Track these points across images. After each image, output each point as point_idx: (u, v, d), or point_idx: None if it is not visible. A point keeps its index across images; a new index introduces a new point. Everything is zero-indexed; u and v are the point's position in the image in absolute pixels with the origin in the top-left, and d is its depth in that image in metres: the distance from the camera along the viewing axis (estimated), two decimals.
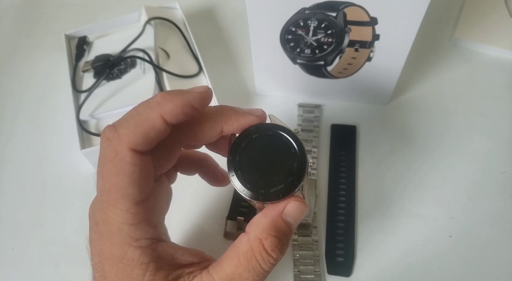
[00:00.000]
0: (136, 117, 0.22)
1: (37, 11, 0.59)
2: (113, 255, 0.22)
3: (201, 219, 0.39)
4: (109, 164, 0.22)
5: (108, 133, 0.22)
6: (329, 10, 0.36)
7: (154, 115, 0.22)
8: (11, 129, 0.47)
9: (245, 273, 0.22)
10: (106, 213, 0.22)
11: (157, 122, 0.22)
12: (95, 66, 0.45)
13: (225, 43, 0.52)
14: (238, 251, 0.23)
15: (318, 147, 0.42)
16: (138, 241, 0.22)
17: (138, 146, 0.22)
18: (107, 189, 0.22)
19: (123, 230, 0.22)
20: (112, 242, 0.22)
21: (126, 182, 0.21)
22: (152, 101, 0.22)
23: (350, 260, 0.35)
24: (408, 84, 0.46)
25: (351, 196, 0.39)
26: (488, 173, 0.39)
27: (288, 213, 0.23)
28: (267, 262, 0.22)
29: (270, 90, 0.46)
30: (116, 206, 0.22)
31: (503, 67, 0.47)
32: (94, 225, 0.23)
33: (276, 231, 0.23)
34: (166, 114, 0.22)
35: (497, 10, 0.50)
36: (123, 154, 0.21)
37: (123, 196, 0.22)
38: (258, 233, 0.23)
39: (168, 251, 0.24)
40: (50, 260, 0.37)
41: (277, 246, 0.23)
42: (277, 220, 0.23)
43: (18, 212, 0.41)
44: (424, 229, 0.37)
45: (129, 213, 0.22)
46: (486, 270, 0.34)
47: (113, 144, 0.21)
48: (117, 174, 0.21)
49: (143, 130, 0.22)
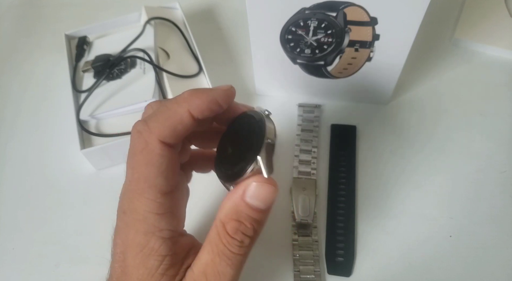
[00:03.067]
0: (165, 112, 0.23)
1: (37, 11, 0.59)
2: (136, 243, 0.23)
3: (201, 219, 0.39)
4: (139, 155, 0.23)
5: (139, 127, 0.23)
6: (329, 10, 0.36)
7: (182, 110, 0.23)
8: (11, 129, 0.47)
9: (216, 258, 0.23)
10: (133, 202, 0.23)
11: (184, 117, 0.23)
12: (95, 66, 0.45)
13: (225, 43, 0.52)
14: (208, 238, 0.23)
15: (318, 147, 0.42)
16: (161, 231, 0.23)
17: (166, 138, 0.23)
18: (135, 178, 0.23)
19: (149, 219, 0.23)
20: (136, 230, 0.23)
21: (154, 173, 0.23)
22: (180, 97, 0.24)
23: (350, 260, 0.35)
24: (408, 84, 0.46)
25: (351, 196, 0.39)
26: (488, 173, 0.39)
27: (250, 194, 0.23)
28: (234, 245, 0.23)
29: (270, 90, 0.46)
30: (144, 195, 0.23)
31: (503, 67, 0.47)
32: (121, 214, 0.24)
33: (238, 215, 0.23)
34: (193, 110, 0.23)
35: (497, 10, 0.50)
36: (153, 145, 0.22)
37: (151, 186, 0.23)
38: (222, 217, 0.23)
39: (184, 248, 0.24)
40: (50, 260, 0.37)
41: (238, 229, 0.23)
42: (239, 203, 0.23)
43: (18, 212, 0.41)
44: (424, 229, 0.37)
45: (156, 202, 0.23)
46: (486, 270, 0.34)
47: (143, 135, 0.23)
48: (146, 165, 0.23)
49: (172, 124, 0.23)
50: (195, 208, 0.39)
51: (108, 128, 0.43)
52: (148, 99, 0.42)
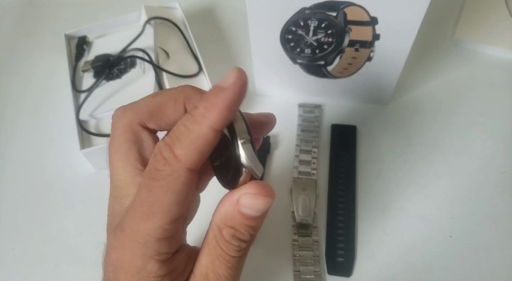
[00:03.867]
0: (187, 135, 0.21)
1: (37, 11, 0.59)
2: (131, 265, 0.22)
3: (201, 219, 0.38)
4: (162, 180, 0.21)
5: (165, 153, 0.21)
6: (329, 10, 0.36)
7: (204, 129, 0.21)
8: (11, 129, 0.47)
9: (216, 261, 0.23)
10: (138, 223, 0.22)
11: (209, 136, 0.21)
12: (95, 66, 0.45)
13: (225, 43, 0.52)
14: (207, 241, 0.23)
15: (318, 147, 0.42)
16: (160, 255, 0.22)
17: (194, 164, 0.21)
18: (150, 202, 0.21)
19: (150, 243, 0.22)
20: (133, 253, 0.22)
21: (172, 200, 0.21)
22: (197, 115, 0.21)
23: (350, 260, 0.35)
24: (408, 84, 0.46)
25: (351, 196, 0.39)
26: (488, 173, 0.39)
27: (243, 204, 0.22)
28: (231, 249, 0.22)
29: (270, 90, 0.46)
30: (152, 220, 0.21)
31: (503, 67, 0.47)
32: (118, 232, 0.23)
33: (232, 222, 0.22)
34: (215, 124, 0.21)
35: (498, 10, 0.50)
36: (179, 173, 0.21)
37: (164, 212, 0.21)
38: (218, 222, 0.23)
39: (181, 261, 0.24)
40: (50, 260, 0.37)
41: (234, 235, 0.22)
42: (232, 212, 0.22)
43: (18, 212, 0.41)
44: (424, 229, 0.37)
45: (162, 228, 0.22)
46: (486, 270, 0.34)
47: (169, 162, 0.21)
48: (165, 192, 0.21)
49: (198, 147, 0.21)
50: None
51: (108, 129, 0.42)
52: None
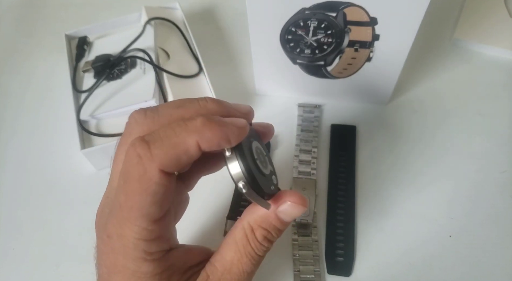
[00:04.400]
0: (172, 138, 0.21)
1: (37, 11, 0.59)
2: (126, 269, 0.22)
3: (201, 219, 0.39)
4: (135, 182, 0.21)
5: (140, 150, 0.21)
6: (329, 10, 0.36)
7: (191, 141, 0.21)
8: (11, 129, 0.47)
9: (243, 258, 0.24)
10: (122, 228, 0.22)
11: (191, 148, 0.21)
12: (95, 66, 0.45)
13: (225, 43, 0.52)
14: (235, 238, 0.24)
15: (318, 147, 0.42)
16: (152, 255, 0.23)
17: (168, 168, 0.21)
18: (128, 206, 0.21)
19: (139, 246, 0.22)
20: (126, 257, 0.22)
21: (148, 202, 0.21)
22: (192, 125, 0.21)
23: (350, 260, 0.35)
24: (408, 84, 0.46)
25: (351, 196, 0.39)
26: (488, 172, 0.40)
27: (282, 210, 0.24)
28: (260, 249, 0.24)
29: (270, 90, 0.46)
30: (135, 224, 0.22)
31: (503, 67, 0.47)
32: (105, 238, 0.23)
33: (267, 224, 0.24)
34: (202, 142, 0.21)
35: (497, 10, 0.50)
36: (152, 174, 0.21)
37: (143, 215, 0.21)
38: (251, 222, 0.24)
39: (179, 257, 0.24)
40: (50, 260, 0.37)
41: (266, 237, 0.24)
42: (270, 215, 0.24)
43: (18, 212, 0.41)
44: (424, 229, 0.37)
45: (146, 230, 0.22)
46: (486, 270, 0.34)
47: (143, 162, 0.21)
48: (141, 194, 0.21)
49: (177, 153, 0.21)
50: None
51: (108, 128, 0.43)
52: (148, 99, 0.42)
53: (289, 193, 0.24)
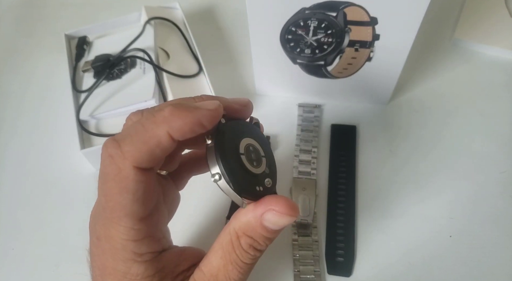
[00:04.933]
0: (141, 133, 0.21)
1: (37, 11, 0.59)
2: (116, 271, 0.22)
3: (201, 219, 0.38)
4: (111, 181, 0.21)
5: (111, 150, 0.21)
6: (329, 10, 0.36)
7: (160, 132, 0.20)
8: (11, 129, 0.47)
9: (229, 265, 0.23)
10: (109, 229, 0.22)
11: (163, 140, 0.20)
12: (95, 66, 0.45)
13: (225, 43, 0.52)
14: (221, 243, 0.23)
15: (318, 146, 0.42)
16: (142, 256, 0.22)
17: (142, 164, 0.21)
18: (110, 207, 0.21)
19: (127, 247, 0.22)
20: (115, 258, 0.22)
21: (130, 200, 0.21)
22: (159, 115, 0.21)
23: (350, 260, 0.35)
24: (408, 84, 0.46)
25: (351, 196, 0.39)
26: (488, 173, 0.39)
27: (268, 219, 0.22)
28: (246, 257, 0.23)
29: (270, 90, 0.46)
30: (120, 224, 0.21)
31: (503, 67, 0.47)
32: (95, 240, 0.23)
33: (252, 232, 0.22)
34: (174, 132, 0.20)
35: (497, 10, 0.50)
36: (127, 172, 0.20)
37: (127, 214, 0.21)
38: (237, 229, 0.23)
39: (171, 259, 0.24)
40: (50, 260, 0.37)
41: (252, 245, 0.23)
42: (255, 223, 0.22)
43: (18, 212, 0.41)
44: (424, 229, 0.37)
45: (133, 230, 0.21)
46: (486, 270, 0.34)
47: (115, 161, 0.20)
48: (120, 192, 0.21)
49: (149, 148, 0.20)
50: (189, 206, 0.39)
51: (108, 128, 0.43)
52: (148, 99, 0.42)
53: (276, 199, 0.22)
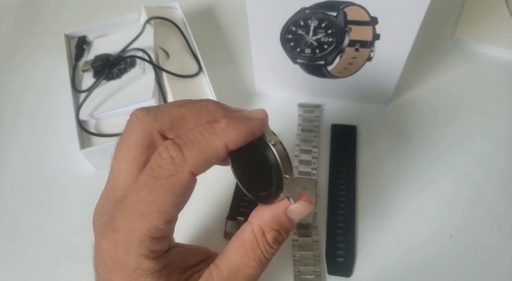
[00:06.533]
0: (201, 142, 0.22)
1: (37, 11, 0.59)
2: (126, 265, 0.22)
3: (201, 219, 0.38)
4: (164, 180, 0.22)
5: (173, 152, 0.22)
6: (330, 9, 0.36)
7: (219, 142, 0.22)
8: (10, 129, 0.47)
9: (251, 262, 0.24)
10: (133, 222, 0.22)
11: (220, 150, 0.22)
12: (95, 66, 0.45)
13: (225, 43, 0.52)
14: (243, 242, 0.24)
15: (318, 146, 0.42)
16: (154, 253, 0.23)
17: (198, 170, 0.22)
18: (149, 200, 0.22)
19: (145, 242, 0.22)
20: (128, 252, 0.22)
21: (170, 201, 0.22)
22: (217, 127, 0.22)
23: (350, 260, 0.35)
24: (409, 84, 0.46)
25: (351, 196, 0.39)
26: (488, 172, 0.39)
27: (293, 210, 0.24)
28: (270, 252, 0.24)
29: (270, 90, 0.46)
30: (148, 219, 0.22)
31: (503, 67, 0.47)
32: (109, 233, 0.23)
33: (278, 226, 0.24)
34: (230, 142, 0.22)
35: (498, 10, 0.50)
36: (182, 175, 0.21)
37: (160, 212, 0.22)
38: (262, 225, 0.24)
39: (178, 256, 0.24)
40: (50, 260, 0.37)
41: (277, 239, 0.24)
42: (281, 216, 0.24)
43: (18, 212, 0.41)
44: (424, 229, 0.37)
45: (157, 228, 0.22)
46: (486, 270, 0.34)
47: (176, 162, 0.21)
48: (166, 191, 0.22)
49: (207, 156, 0.22)
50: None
51: (108, 128, 0.43)
52: (147, 99, 0.42)
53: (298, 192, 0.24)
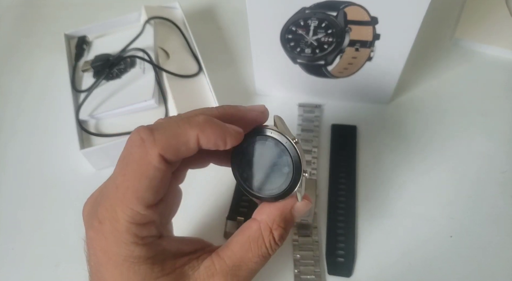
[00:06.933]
0: (174, 128, 0.22)
1: (37, 11, 0.59)
2: (118, 255, 0.23)
3: (201, 219, 0.38)
4: (134, 163, 0.22)
5: (143, 134, 0.22)
6: (330, 9, 0.36)
7: (191, 133, 0.22)
8: (10, 129, 0.47)
9: (255, 257, 0.25)
10: (115, 211, 0.22)
11: (191, 141, 0.22)
12: (95, 66, 0.45)
13: (225, 43, 0.52)
14: (248, 237, 0.25)
15: (318, 146, 0.42)
16: (143, 239, 0.23)
17: (167, 154, 0.22)
18: (125, 186, 0.22)
19: (131, 229, 0.22)
20: (117, 241, 0.22)
21: (145, 185, 0.22)
22: (194, 120, 0.23)
23: (350, 260, 0.35)
24: (409, 84, 0.46)
25: (351, 196, 0.39)
26: (488, 172, 0.39)
27: (297, 209, 0.26)
28: (274, 248, 0.25)
29: (270, 90, 0.46)
30: (128, 206, 0.22)
31: (503, 67, 0.47)
32: (96, 224, 0.23)
33: (285, 223, 0.25)
34: (202, 138, 0.22)
35: (498, 10, 0.50)
36: (152, 157, 0.22)
37: (138, 198, 0.22)
38: (269, 222, 0.25)
39: (172, 243, 0.25)
40: (50, 260, 0.37)
41: (282, 236, 0.25)
42: (287, 214, 0.25)
43: (18, 212, 0.41)
44: (424, 229, 0.37)
45: (139, 214, 0.22)
46: (486, 270, 0.34)
47: (146, 144, 0.22)
48: (139, 176, 0.22)
49: (177, 143, 0.22)
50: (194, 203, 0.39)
51: (108, 128, 0.43)
52: (147, 99, 0.42)
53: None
